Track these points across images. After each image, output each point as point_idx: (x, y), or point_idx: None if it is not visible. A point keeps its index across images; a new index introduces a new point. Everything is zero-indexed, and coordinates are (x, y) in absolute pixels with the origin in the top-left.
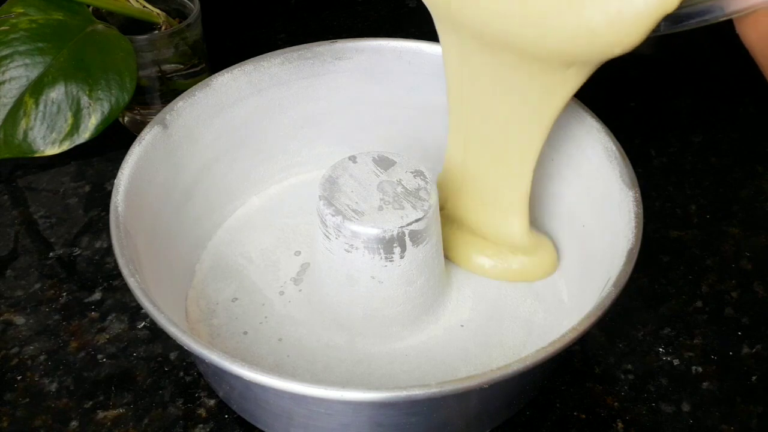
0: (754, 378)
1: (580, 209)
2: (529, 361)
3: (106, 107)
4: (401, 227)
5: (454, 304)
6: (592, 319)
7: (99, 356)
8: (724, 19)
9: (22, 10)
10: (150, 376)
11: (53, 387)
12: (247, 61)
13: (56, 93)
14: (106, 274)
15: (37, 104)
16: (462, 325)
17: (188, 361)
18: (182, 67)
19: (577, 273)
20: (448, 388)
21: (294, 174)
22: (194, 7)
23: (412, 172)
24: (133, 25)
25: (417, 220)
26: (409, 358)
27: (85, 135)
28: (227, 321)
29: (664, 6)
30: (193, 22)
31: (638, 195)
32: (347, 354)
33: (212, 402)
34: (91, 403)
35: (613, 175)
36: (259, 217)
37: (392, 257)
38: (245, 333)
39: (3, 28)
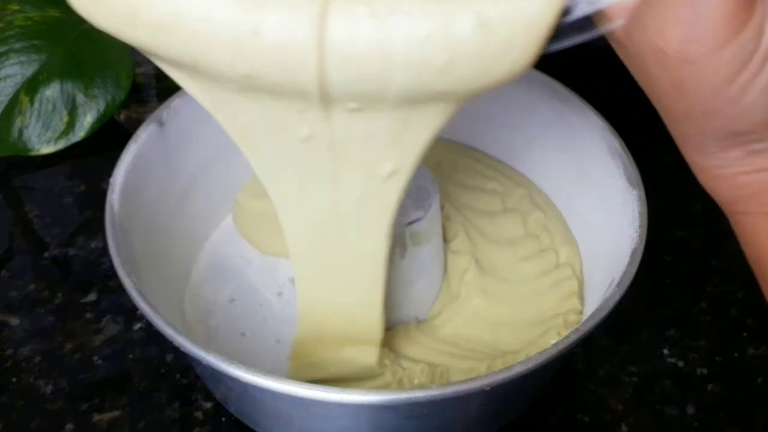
0: (759, 380)
1: (583, 208)
2: (531, 363)
3: (102, 105)
4: (402, 227)
5: None
6: (596, 320)
7: (94, 358)
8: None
9: (17, 7)
10: (146, 379)
11: (48, 389)
12: None
13: (51, 91)
14: (102, 274)
15: (32, 102)
16: None
17: (185, 363)
18: None
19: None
20: (449, 390)
21: None
22: None
23: None
24: None
25: (418, 220)
26: None
27: (80, 133)
28: (225, 322)
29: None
30: None
31: (642, 194)
32: None
33: (209, 405)
34: (86, 405)
35: (617, 174)
36: None
37: (392, 257)
38: (243, 334)
39: None
